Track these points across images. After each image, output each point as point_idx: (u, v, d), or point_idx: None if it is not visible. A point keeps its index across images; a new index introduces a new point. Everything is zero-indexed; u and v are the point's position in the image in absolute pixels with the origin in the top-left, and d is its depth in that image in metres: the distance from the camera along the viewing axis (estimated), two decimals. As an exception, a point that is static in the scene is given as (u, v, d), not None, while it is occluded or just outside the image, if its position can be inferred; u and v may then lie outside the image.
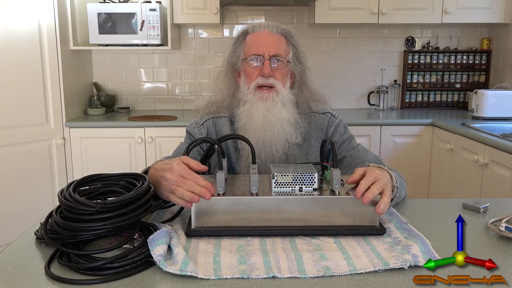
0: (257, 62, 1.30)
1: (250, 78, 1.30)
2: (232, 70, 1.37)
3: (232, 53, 1.36)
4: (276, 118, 1.28)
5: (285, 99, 1.30)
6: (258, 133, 1.28)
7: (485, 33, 3.45)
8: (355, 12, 3.07)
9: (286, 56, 1.32)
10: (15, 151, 2.61)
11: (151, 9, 2.91)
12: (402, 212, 1.07)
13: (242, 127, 1.30)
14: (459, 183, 2.61)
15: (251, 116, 1.29)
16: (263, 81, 1.28)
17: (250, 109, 1.29)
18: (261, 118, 1.27)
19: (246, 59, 1.31)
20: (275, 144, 1.28)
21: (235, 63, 1.36)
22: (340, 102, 3.49)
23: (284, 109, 1.29)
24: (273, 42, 1.30)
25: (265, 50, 1.28)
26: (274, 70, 1.29)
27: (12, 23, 2.54)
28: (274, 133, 1.28)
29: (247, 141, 1.07)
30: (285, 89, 1.31)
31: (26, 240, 0.94)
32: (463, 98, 3.47)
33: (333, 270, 0.79)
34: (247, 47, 1.33)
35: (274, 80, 1.29)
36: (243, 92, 1.32)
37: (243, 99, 1.32)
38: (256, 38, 1.32)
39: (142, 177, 0.96)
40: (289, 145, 1.31)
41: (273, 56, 1.29)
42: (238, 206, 0.93)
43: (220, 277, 0.77)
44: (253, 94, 1.29)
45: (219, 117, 1.38)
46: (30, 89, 2.65)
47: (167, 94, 3.45)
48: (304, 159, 1.34)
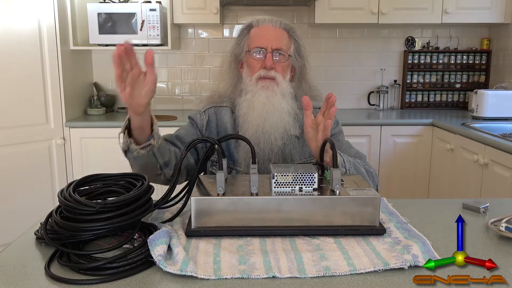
0: (260, 55, 1.35)
1: (253, 70, 1.36)
2: (236, 61, 1.43)
3: (236, 45, 1.42)
4: (275, 107, 1.33)
5: (284, 90, 1.35)
6: (258, 120, 1.32)
7: (485, 33, 3.45)
8: (355, 12, 3.07)
9: (287, 50, 1.37)
10: (15, 151, 2.61)
11: (151, 9, 2.91)
12: (402, 212, 1.07)
13: (243, 115, 1.35)
14: (459, 183, 2.61)
15: (252, 105, 1.34)
16: (265, 73, 1.34)
17: (251, 98, 1.34)
18: (261, 106, 1.32)
19: (249, 51, 1.37)
20: (274, 133, 1.32)
21: (238, 55, 1.41)
22: (340, 102, 3.48)
23: (283, 100, 1.34)
24: (275, 36, 1.36)
25: (268, 44, 1.34)
26: (276, 63, 1.35)
27: (12, 23, 2.53)
28: (273, 122, 1.32)
29: (247, 141, 1.07)
30: (285, 82, 1.36)
31: (26, 240, 0.94)
32: (463, 98, 3.47)
33: (333, 270, 0.79)
34: (250, 40, 1.38)
35: (275, 73, 1.34)
36: (245, 82, 1.37)
37: (245, 89, 1.37)
38: (260, 31, 1.38)
39: (142, 177, 0.96)
40: (288, 136, 1.35)
41: (275, 49, 1.34)
42: (238, 206, 0.93)
43: (220, 277, 0.77)
44: (255, 85, 1.34)
45: (221, 107, 1.44)
46: (30, 89, 2.64)
47: (167, 94, 3.45)
48: (300, 150, 1.38)
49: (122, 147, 1.15)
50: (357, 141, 2.94)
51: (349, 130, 2.93)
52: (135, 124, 1.11)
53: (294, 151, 1.37)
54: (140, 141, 1.14)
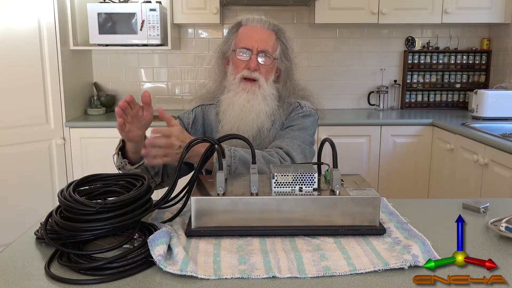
0: (245, 55, 1.38)
1: (237, 69, 1.39)
2: (223, 57, 1.46)
3: (224, 42, 1.45)
4: (253, 108, 1.36)
5: (266, 93, 1.38)
6: (234, 120, 1.37)
7: (485, 33, 3.45)
8: (355, 12, 3.07)
9: (273, 53, 1.39)
10: (15, 151, 2.61)
11: (151, 9, 2.91)
12: (402, 212, 1.07)
13: (223, 112, 1.40)
14: (459, 183, 2.61)
15: (232, 104, 1.38)
16: (248, 73, 1.36)
17: (233, 97, 1.38)
18: (240, 107, 1.36)
19: (235, 50, 1.39)
20: (248, 132, 1.37)
21: (226, 52, 1.44)
22: (340, 102, 3.49)
23: (264, 102, 1.38)
24: (263, 38, 1.38)
25: (254, 45, 1.36)
26: (260, 65, 1.37)
27: (12, 22, 2.54)
28: (248, 121, 1.37)
29: (247, 141, 1.07)
30: (267, 84, 1.39)
31: (26, 240, 0.94)
32: (463, 98, 3.47)
33: (333, 270, 0.79)
34: (238, 39, 1.40)
35: (259, 75, 1.37)
36: (229, 80, 1.41)
37: (228, 87, 1.41)
38: (248, 31, 1.40)
39: (142, 177, 0.96)
40: (260, 133, 1.40)
41: (261, 51, 1.37)
42: (238, 206, 0.93)
43: (220, 277, 0.77)
44: (237, 85, 1.38)
45: (208, 105, 1.50)
46: (30, 89, 2.65)
47: (167, 94, 3.45)
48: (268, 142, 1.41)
49: (116, 165, 1.23)
50: (357, 141, 2.95)
51: (349, 130, 2.94)
52: (130, 149, 1.20)
53: (263, 144, 1.41)
54: (134, 161, 1.23)
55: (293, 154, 1.32)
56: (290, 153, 1.31)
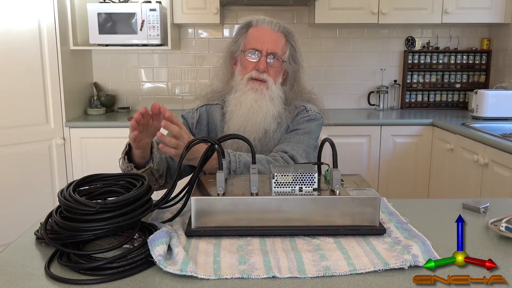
0: (254, 56, 1.37)
1: (245, 70, 1.38)
2: (231, 57, 1.45)
3: (233, 42, 1.44)
4: (261, 109, 1.35)
5: (273, 94, 1.38)
6: (241, 120, 1.36)
7: (485, 33, 3.45)
8: (355, 12, 3.07)
9: (282, 56, 1.39)
10: (15, 151, 2.61)
11: (151, 9, 2.91)
12: (402, 212, 1.07)
13: (230, 112, 1.39)
14: (459, 183, 2.61)
15: (239, 104, 1.37)
16: (257, 74, 1.36)
17: (240, 97, 1.37)
18: (247, 107, 1.35)
19: (244, 51, 1.38)
20: (254, 133, 1.36)
21: (234, 52, 1.43)
22: (340, 102, 3.49)
23: (271, 103, 1.37)
24: (272, 40, 1.37)
25: (263, 46, 1.36)
26: (269, 67, 1.37)
27: (12, 23, 2.54)
28: (256, 122, 1.35)
29: (247, 141, 1.07)
30: (276, 86, 1.38)
31: (26, 240, 0.94)
32: (463, 98, 3.47)
33: (333, 270, 0.79)
34: (247, 40, 1.39)
35: (267, 76, 1.36)
36: (236, 81, 1.40)
37: (235, 87, 1.40)
38: (257, 33, 1.39)
39: (142, 177, 0.96)
40: (266, 135, 1.38)
41: (270, 53, 1.36)
42: (238, 206, 0.93)
43: (220, 277, 0.77)
44: (245, 85, 1.37)
45: (213, 104, 1.48)
46: (30, 89, 2.65)
47: (167, 94, 3.45)
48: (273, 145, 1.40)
49: (122, 169, 1.22)
50: (357, 141, 2.95)
51: (349, 130, 2.94)
52: (136, 154, 1.19)
53: (268, 146, 1.40)
54: (140, 164, 1.22)
55: (298, 159, 1.32)
56: (295, 158, 1.31)
